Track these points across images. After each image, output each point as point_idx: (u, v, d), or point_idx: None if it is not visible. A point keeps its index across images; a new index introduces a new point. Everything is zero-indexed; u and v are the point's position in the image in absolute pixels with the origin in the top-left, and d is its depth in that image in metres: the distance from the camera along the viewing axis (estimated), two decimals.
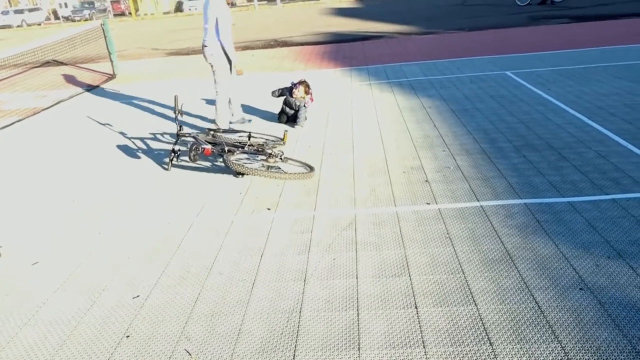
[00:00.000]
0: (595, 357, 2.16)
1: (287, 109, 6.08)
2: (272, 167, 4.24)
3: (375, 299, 2.67)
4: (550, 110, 5.66)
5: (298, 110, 5.96)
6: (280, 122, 6.17)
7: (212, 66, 5.68)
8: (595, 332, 2.31)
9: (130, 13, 38.48)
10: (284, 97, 6.12)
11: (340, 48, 12.16)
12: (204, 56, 5.67)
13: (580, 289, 2.62)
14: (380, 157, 4.70)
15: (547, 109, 5.75)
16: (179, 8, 41.05)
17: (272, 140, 4.95)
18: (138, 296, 2.86)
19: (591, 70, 7.46)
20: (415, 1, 26.75)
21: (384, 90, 7.36)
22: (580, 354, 2.19)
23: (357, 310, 2.59)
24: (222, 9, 5.42)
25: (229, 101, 5.96)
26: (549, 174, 4.01)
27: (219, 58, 5.59)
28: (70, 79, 10.59)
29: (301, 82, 6.06)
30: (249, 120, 6.20)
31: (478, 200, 3.67)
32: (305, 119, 5.97)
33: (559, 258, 2.89)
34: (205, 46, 5.59)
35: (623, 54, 8.37)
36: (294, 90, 6.02)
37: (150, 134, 6.06)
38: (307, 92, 6.04)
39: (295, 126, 5.86)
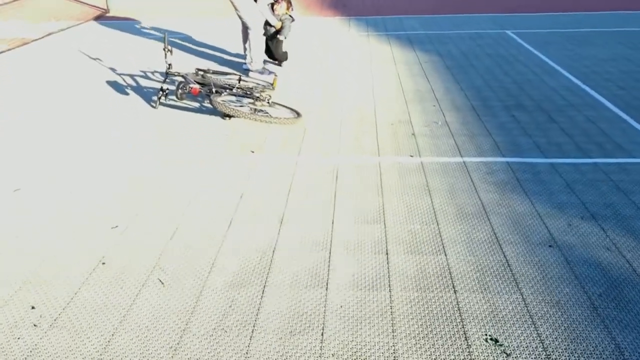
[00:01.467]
0: (554, 310, 2.24)
1: (269, 27, 5.90)
2: (259, 110, 4.21)
3: (349, 243, 2.72)
4: (546, 72, 5.60)
5: (282, 28, 5.81)
6: (264, 35, 6.00)
7: (234, 4, 5.35)
8: (557, 287, 2.37)
9: None
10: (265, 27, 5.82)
11: None
12: None
13: (550, 246, 2.67)
14: (370, 108, 4.67)
15: (543, 70, 5.68)
16: None
17: (262, 85, 4.89)
18: (117, 226, 2.89)
19: (591, 34, 7.33)
20: None
21: (382, 43, 7.21)
22: (540, 306, 2.26)
23: (330, 253, 2.64)
24: None
25: (249, 45, 5.63)
26: (536, 135, 4.01)
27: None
28: (61, 12, 10.28)
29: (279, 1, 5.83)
30: (272, 74, 5.71)
31: (461, 156, 3.68)
32: (290, 30, 5.88)
33: (533, 216, 2.94)
34: None
35: (625, 20, 8.21)
36: (275, 6, 5.80)
37: (141, 71, 5.96)
38: (288, 8, 5.88)
39: (279, 37, 5.80)
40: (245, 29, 5.56)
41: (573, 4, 9.92)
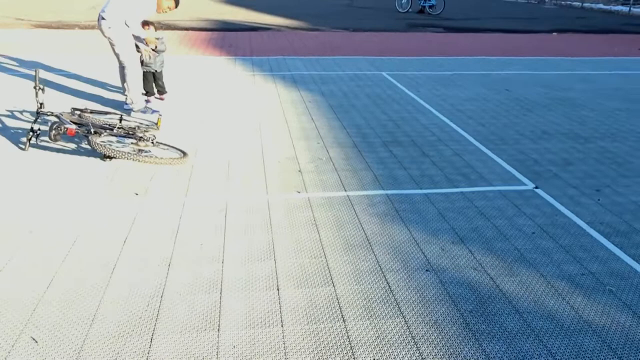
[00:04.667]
0: (433, 330, 2.42)
1: (148, 67, 5.80)
2: (143, 150, 4.09)
3: (240, 282, 2.72)
4: (418, 111, 6.13)
5: (157, 50, 5.77)
6: (146, 89, 5.90)
7: (110, 40, 5.23)
8: (435, 308, 2.58)
9: None
10: (139, 52, 5.65)
11: (226, 36, 11.98)
12: (101, 30, 5.20)
13: (427, 270, 2.90)
14: (257, 146, 4.75)
15: (415, 109, 6.21)
16: None
17: (146, 124, 4.77)
18: None
19: (456, 76, 8.19)
20: None
21: (267, 82, 7.41)
22: (420, 327, 2.44)
23: (220, 293, 2.62)
24: (146, 6, 5.15)
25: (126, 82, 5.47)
26: (411, 168, 4.35)
27: (119, 30, 5.16)
28: None
29: (148, 23, 5.73)
30: (155, 112, 5.56)
31: (345, 190, 3.88)
32: (165, 49, 5.90)
33: (411, 243, 3.17)
34: (104, 19, 5.11)
35: (482, 64, 9.30)
36: (143, 36, 5.58)
37: (7, 110, 5.50)
38: (156, 29, 5.90)
39: (154, 66, 5.84)
40: (122, 68, 5.41)
41: (439, 50, 11.01)
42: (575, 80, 8.17)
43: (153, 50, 5.68)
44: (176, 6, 5.45)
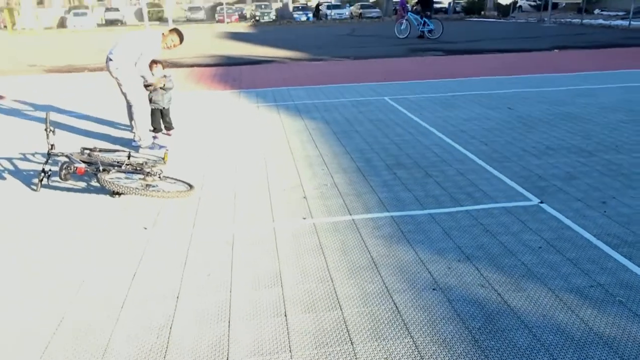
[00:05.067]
0: (441, 349, 2.42)
1: (156, 104, 5.98)
2: (150, 185, 4.17)
3: (247, 310, 2.74)
4: (421, 133, 6.19)
5: (164, 88, 5.96)
6: (154, 126, 6.05)
7: (118, 80, 5.40)
8: (443, 327, 2.57)
9: (5, 27, 35.43)
10: (149, 96, 5.89)
11: (230, 71, 12.25)
12: (109, 71, 5.39)
13: (433, 289, 2.90)
14: (262, 176, 4.82)
15: (417, 131, 6.27)
16: (62, 24, 38.64)
17: (153, 160, 4.87)
18: None
19: (457, 97, 8.27)
20: (307, 30, 27.75)
21: (271, 112, 7.54)
22: (429, 347, 2.43)
23: (229, 323, 2.64)
24: (153, 48, 5.34)
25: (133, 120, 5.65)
26: (415, 189, 4.38)
27: (126, 71, 5.33)
28: None
29: (155, 61, 5.88)
30: (162, 148, 5.63)
31: (350, 214, 3.91)
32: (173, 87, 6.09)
33: (417, 263, 3.18)
34: (111, 60, 5.30)
35: (484, 84, 9.38)
36: (152, 69, 5.77)
37: (20, 153, 5.66)
38: (164, 67, 6.07)
39: (162, 103, 6.03)
40: (129, 107, 5.57)
41: (439, 73, 11.15)
42: (577, 95, 8.20)
43: (161, 88, 5.85)
44: (181, 42, 5.62)
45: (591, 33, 20.68)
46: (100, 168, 4.19)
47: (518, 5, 40.58)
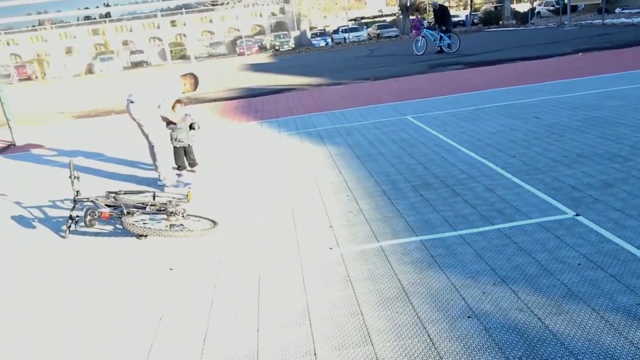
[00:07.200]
0: None
1: (180, 142, 6.08)
2: (174, 225, 4.17)
3: (275, 350, 2.66)
4: (446, 150, 6.06)
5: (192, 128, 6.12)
6: (178, 164, 6.12)
7: (139, 122, 5.47)
8: (481, 358, 2.43)
9: (37, 77, 37.04)
10: (172, 134, 6.01)
11: (252, 102, 12.39)
12: (129, 113, 5.48)
13: (468, 317, 2.76)
14: (286, 206, 4.77)
15: (442, 149, 6.14)
16: (90, 70, 40.18)
17: (177, 199, 4.88)
18: None
19: (481, 110, 8.11)
20: (326, 54, 28.02)
21: (293, 140, 7.54)
22: None
23: None
24: (174, 93, 5.49)
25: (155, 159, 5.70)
26: (443, 210, 4.25)
27: (147, 112, 5.42)
28: None
29: (179, 100, 5.98)
30: (187, 185, 5.62)
31: (378, 241, 3.81)
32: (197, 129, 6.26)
33: (450, 289, 3.04)
34: (132, 102, 5.38)
35: (507, 95, 9.20)
36: (174, 115, 5.87)
37: (49, 201, 5.77)
38: (185, 104, 6.23)
39: (186, 141, 6.13)
40: (151, 147, 5.64)
41: (461, 86, 11.01)
42: (605, 98, 7.94)
43: (191, 128, 6.08)
44: (195, 89, 5.77)
45: (614, 33, 20.21)
46: (125, 211, 4.22)
47: (536, 11, 40.19)
